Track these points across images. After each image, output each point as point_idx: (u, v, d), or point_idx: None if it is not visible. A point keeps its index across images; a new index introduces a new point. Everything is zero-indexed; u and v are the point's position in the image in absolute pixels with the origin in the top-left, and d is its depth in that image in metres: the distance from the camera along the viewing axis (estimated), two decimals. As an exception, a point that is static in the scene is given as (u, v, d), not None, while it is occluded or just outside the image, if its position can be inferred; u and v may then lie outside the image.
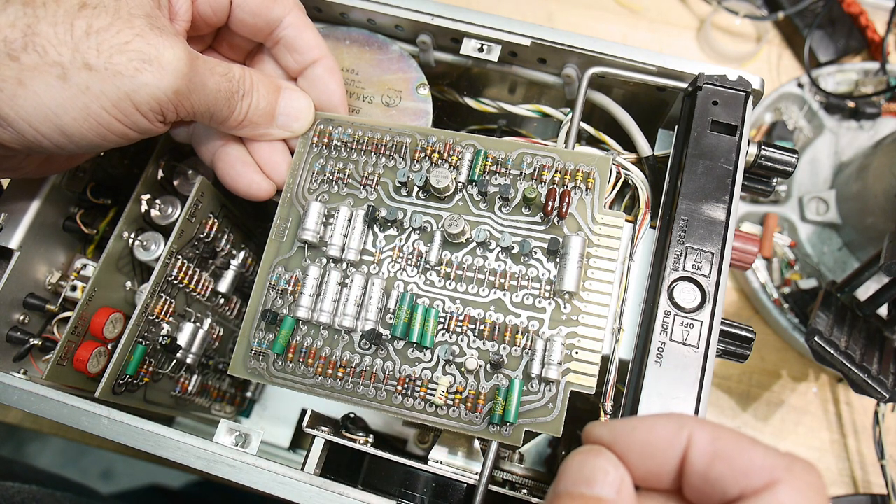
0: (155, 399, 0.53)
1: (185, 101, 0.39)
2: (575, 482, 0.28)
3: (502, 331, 0.43)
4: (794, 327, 0.72)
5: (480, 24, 0.49)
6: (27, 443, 1.49)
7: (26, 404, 0.42)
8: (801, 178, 0.78)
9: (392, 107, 0.51)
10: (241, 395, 0.69)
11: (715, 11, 0.88)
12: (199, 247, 0.52)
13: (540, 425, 0.41)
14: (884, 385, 0.57)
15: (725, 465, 0.26)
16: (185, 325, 0.53)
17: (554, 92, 0.55)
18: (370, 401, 0.43)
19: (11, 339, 0.47)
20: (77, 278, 0.50)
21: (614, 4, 0.91)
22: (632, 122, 0.50)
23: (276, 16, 0.45)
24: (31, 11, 0.35)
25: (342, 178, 0.47)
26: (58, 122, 0.36)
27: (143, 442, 0.41)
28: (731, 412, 0.73)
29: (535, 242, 0.44)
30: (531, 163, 0.45)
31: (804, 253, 0.76)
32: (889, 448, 0.68)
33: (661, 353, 0.39)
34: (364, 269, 0.46)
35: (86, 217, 0.51)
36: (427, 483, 0.47)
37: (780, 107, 0.81)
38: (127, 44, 0.36)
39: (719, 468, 0.26)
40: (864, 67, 0.82)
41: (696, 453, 0.27)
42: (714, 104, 0.45)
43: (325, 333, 0.45)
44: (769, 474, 0.25)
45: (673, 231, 0.42)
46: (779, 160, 0.45)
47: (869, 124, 0.79)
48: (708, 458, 0.27)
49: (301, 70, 0.48)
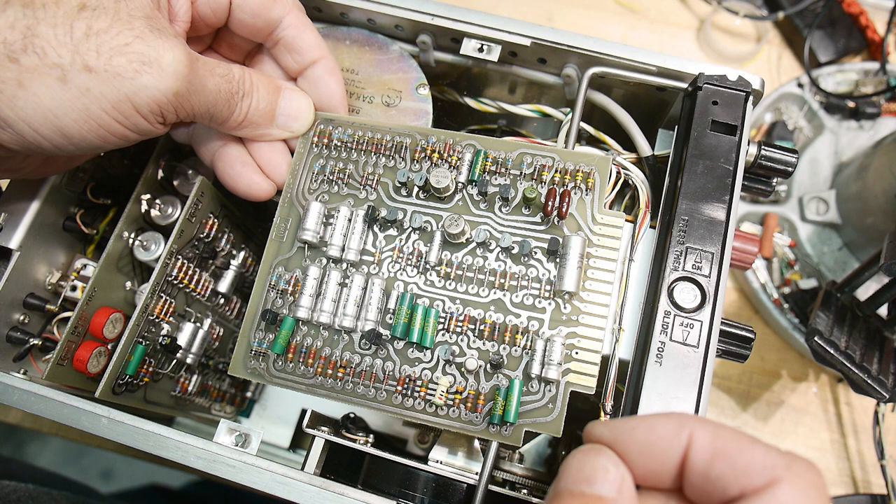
0: (155, 399, 0.53)
1: (185, 103, 0.39)
2: (576, 481, 0.28)
3: (502, 331, 0.43)
4: (794, 327, 0.72)
5: (480, 24, 0.49)
6: (27, 443, 1.49)
7: (26, 404, 0.42)
8: (801, 178, 0.78)
9: (392, 107, 0.51)
10: (241, 395, 0.69)
11: (715, 11, 0.88)
12: (199, 247, 0.52)
13: (540, 425, 0.41)
14: (884, 385, 0.57)
15: (726, 463, 0.26)
16: (185, 325, 0.53)
17: (554, 92, 0.55)
18: (370, 401, 0.43)
19: (11, 339, 0.47)
20: (77, 278, 0.51)
21: (614, 4, 0.91)
22: (632, 122, 0.50)
23: (276, 16, 0.45)
24: (31, 13, 0.35)
25: (342, 179, 0.47)
26: (58, 124, 0.36)
27: (143, 442, 0.41)
28: (731, 412, 0.73)
29: (535, 242, 0.44)
30: (531, 163, 0.45)
31: (804, 253, 0.76)
32: (889, 448, 0.68)
33: (661, 353, 0.39)
34: (364, 270, 0.46)
35: (86, 217, 0.51)
36: (427, 483, 0.47)
37: (780, 107, 0.81)
38: (126, 45, 0.36)
39: (720, 467, 0.26)
40: (864, 67, 0.82)
41: (697, 452, 0.27)
42: (714, 104, 0.45)
43: (325, 333, 0.45)
44: (770, 473, 0.25)
45: (673, 231, 0.42)
46: (779, 160, 0.45)
47: (869, 124, 0.79)
48: (708, 457, 0.27)
49: (301, 70, 0.48)
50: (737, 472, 0.26)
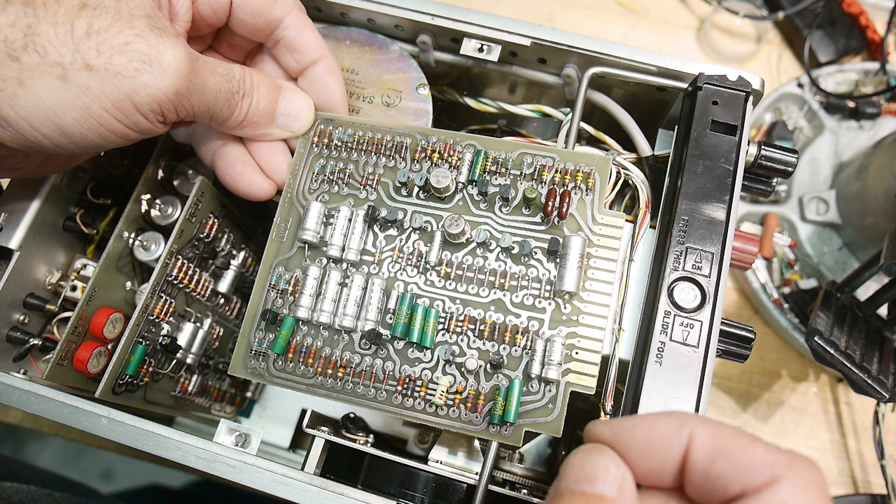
0: (155, 399, 0.53)
1: (186, 102, 0.39)
2: (576, 480, 0.28)
3: (502, 331, 0.43)
4: (794, 327, 0.72)
5: (480, 24, 0.49)
6: (27, 443, 1.49)
7: (26, 404, 0.42)
8: (801, 178, 0.78)
9: (392, 107, 0.51)
10: (241, 395, 0.69)
11: (715, 11, 0.88)
12: (199, 247, 0.52)
13: (540, 425, 0.41)
14: (884, 385, 0.57)
15: (727, 462, 0.26)
16: (185, 325, 0.53)
17: (554, 92, 0.55)
18: (370, 401, 0.43)
19: (11, 339, 0.47)
20: (77, 278, 0.50)
21: (614, 4, 0.91)
22: (632, 122, 0.50)
23: (277, 16, 0.45)
24: (32, 11, 0.35)
25: (342, 179, 0.47)
26: (58, 123, 0.36)
27: (143, 442, 0.41)
28: (731, 412, 0.73)
29: (535, 243, 0.44)
30: (531, 163, 0.45)
31: (804, 253, 0.76)
32: (889, 448, 0.68)
33: (661, 353, 0.39)
34: (364, 270, 0.46)
35: (86, 217, 0.51)
36: (427, 483, 0.47)
37: (780, 107, 0.81)
38: (127, 44, 0.36)
39: (721, 466, 0.26)
40: (864, 67, 0.82)
41: (698, 451, 0.27)
42: (714, 104, 0.45)
43: (325, 333, 0.45)
44: (770, 471, 0.25)
45: (673, 231, 0.42)
46: (779, 160, 0.45)
47: (869, 124, 0.79)
48: (709, 456, 0.27)
49: (301, 70, 0.48)
50: (737, 471, 0.26)
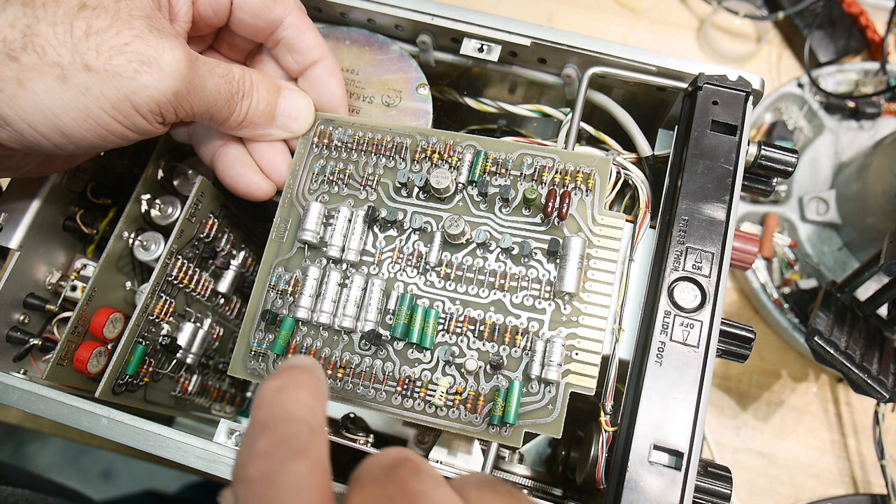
0: (155, 399, 0.53)
1: (185, 103, 0.39)
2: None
3: (502, 332, 0.43)
4: (794, 327, 0.72)
5: (480, 24, 0.49)
6: (27, 443, 1.49)
7: (26, 404, 0.42)
8: (801, 178, 0.78)
9: (392, 107, 0.51)
10: (241, 395, 0.69)
11: (715, 11, 0.88)
12: (199, 247, 0.52)
13: (540, 426, 0.41)
14: (884, 385, 0.57)
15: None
16: (185, 325, 0.53)
17: (554, 92, 0.55)
18: (370, 401, 0.43)
19: (11, 339, 0.47)
20: (77, 278, 0.50)
21: (614, 4, 0.91)
22: (632, 122, 0.50)
23: (277, 16, 0.45)
24: (31, 12, 0.35)
25: (342, 179, 0.47)
26: (57, 123, 0.36)
27: (143, 442, 0.41)
28: (731, 412, 0.73)
29: (535, 243, 0.44)
30: (531, 163, 0.45)
31: (804, 253, 0.76)
32: (889, 448, 0.68)
33: (661, 353, 0.39)
34: (364, 270, 0.46)
35: (86, 217, 0.51)
36: (427, 483, 0.47)
37: (780, 107, 0.81)
38: (126, 45, 0.36)
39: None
40: (864, 67, 0.82)
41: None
42: (714, 104, 0.45)
43: (324, 334, 0.45)
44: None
45: (673, 231, 0.42)
46: (779, 160, 0.45)
47: (869, 124, 0.79)
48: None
49: (301, 71, 0.48)
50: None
